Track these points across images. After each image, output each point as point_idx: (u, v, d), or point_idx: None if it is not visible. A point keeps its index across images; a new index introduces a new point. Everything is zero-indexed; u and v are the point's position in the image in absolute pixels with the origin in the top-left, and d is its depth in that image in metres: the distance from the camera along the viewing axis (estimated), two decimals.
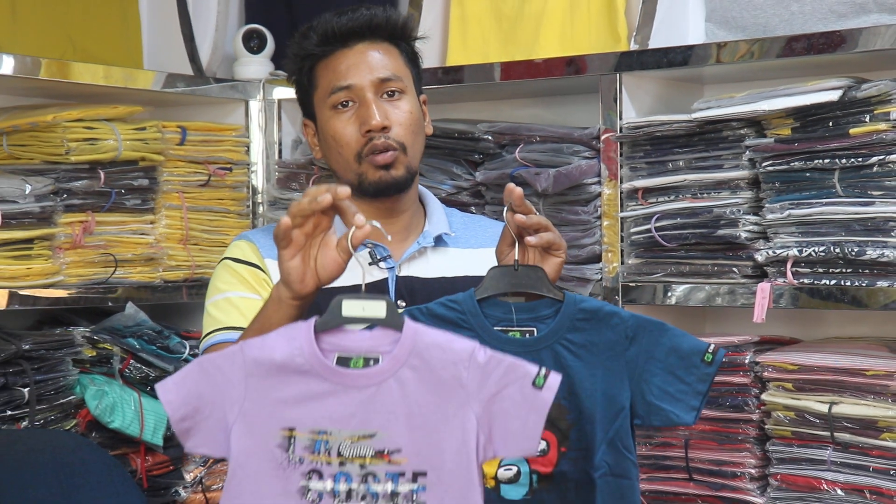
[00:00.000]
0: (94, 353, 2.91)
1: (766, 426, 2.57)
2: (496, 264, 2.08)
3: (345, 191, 1.86)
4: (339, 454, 1.78)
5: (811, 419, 2.50)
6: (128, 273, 2.97)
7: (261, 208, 3.28)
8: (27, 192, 2.75)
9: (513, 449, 1.80)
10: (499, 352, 1.80)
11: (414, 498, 1.77)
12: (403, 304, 2.21)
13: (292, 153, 3.30)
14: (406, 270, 2.30)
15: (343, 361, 1.80)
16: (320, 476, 1.78)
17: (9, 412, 2.69)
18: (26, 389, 2.71)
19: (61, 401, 2.79)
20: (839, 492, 2.48)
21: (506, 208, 2.03)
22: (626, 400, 1.97)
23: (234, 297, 2.26)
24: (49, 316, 3.01)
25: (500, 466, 1.99)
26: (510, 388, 1.77)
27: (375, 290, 2.18)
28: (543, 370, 1.78)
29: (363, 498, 1.77)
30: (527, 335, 2.00)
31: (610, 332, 1.98)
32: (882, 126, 2.41)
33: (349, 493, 1.77)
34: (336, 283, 1.97)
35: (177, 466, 2.98)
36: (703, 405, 1.98)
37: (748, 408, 2.58)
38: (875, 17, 2.60)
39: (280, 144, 3.30)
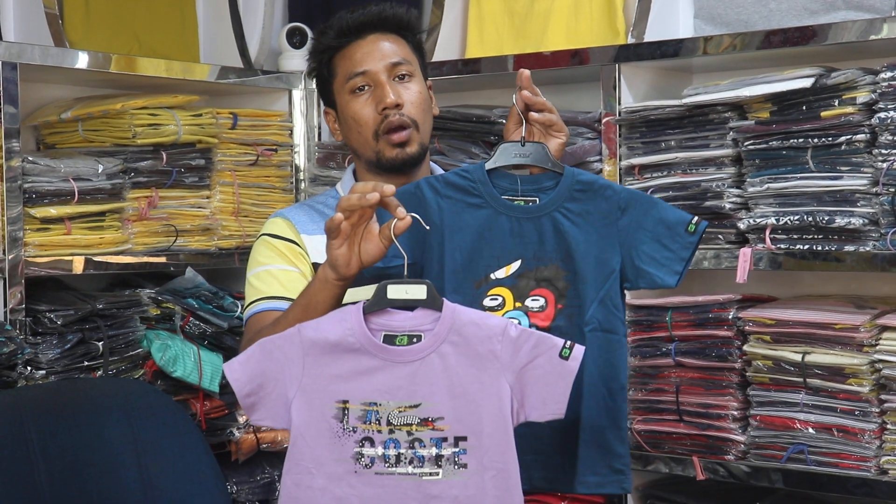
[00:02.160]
0: (159, 312, 2.92)
1: (747, 373, 2.58)
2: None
3: (390, 188, 1.85)
4: (388, 423, 1.80)
5: (786, 367, 2.51)
6: (187, 242, 2.97)
7: (303, 184, 3.28)
8: (100, 171, 2.77)
9: (543, 412, 1.81)
10: (527, 328, 1.81)
11: (456, 460, 1.79)
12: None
13: (330, 136, 3.29)
14: None
15: (389, 339, 1.83)
16: (372, 443, 1.81)
17: (86, 363, 2.71)
18: (100, 343, 2.73)
19: (130, 353, 2.80)
20: (811, 430, 2.49)
21: (516, 90, 2.02)
22: (616, 264, 1.96)
23: (273, 270, 2.24)
24: (119, 279, 3.02)
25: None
26: (540, 359, 1.79)
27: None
28: (569, 342, 1.80)
29: (411, 462, 1.80)
30: (530, 203, 1.98)
31: (604, 203, 1.97)
32: (849, 109, 2.41)
33: (398, 458, 1.80)
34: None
35: (231, 410, 2.98)
36: (685, 270, 1.96)
37: (731, 357, 2.59)
38: (843, 14, 2.59)
39: (319, 128, 3.29)
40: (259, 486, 3.05)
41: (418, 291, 1.83)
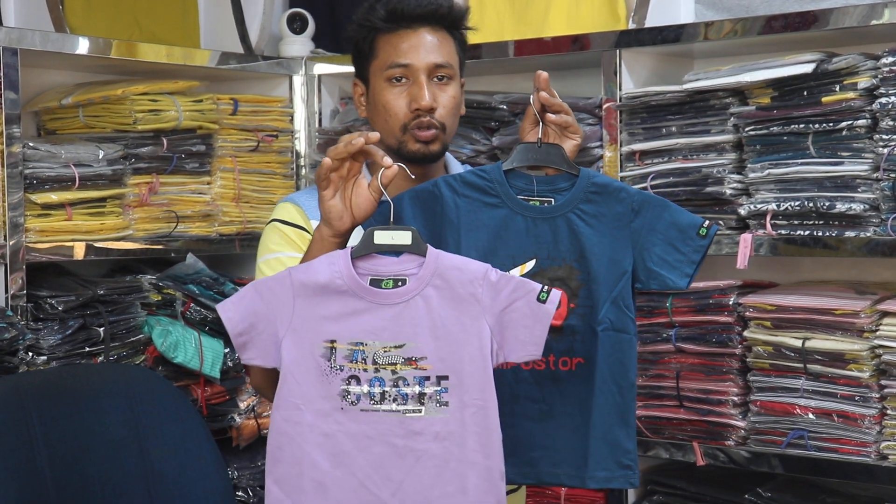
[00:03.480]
0: (160, 298, 2.92)
1: (748, 359, 2.58)
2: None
3: (374, 135, 1.91)
4: (374, 362, 1.87)
5: (787, 353, 2.52)
6: (188, 228, 2.97)
7: (303, 170, 3.28)
8: (100, 157, 2.76)
9: (521, 353, 1.88)
10: (506, 273, 1.89)
11: (438, 398, 1.87)
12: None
13: (331, 121, 3.29)
14: None
15: (376, 283, 1.90)
16: (358, 381, 1.88)
17: (87, 349, 2.71)
18: (102, 329, 2.73)
19: (131, 339, 2.81)
20: (811, 416, 2.50)
21: (533, 91, 2.05)
22: (629, 265, 2.00)
23: (283, 258, 2.24)
24: (120, 265, 3.02)
25: None
26: (518, 303, 1.86)
27: None
28: (546, 287, 1.86)
29: (395, 399, 1.87)
30: (545, 204, 2.02)
31: (618, 205, 2.00)
32: (850, 95, 2.41)
33: (383, 395, 1.87)
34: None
35: (232, 396, 2.99)
36: (695, 273, 2.00)
37: (732, 343, 2.60)
38: None
39: (320, 114, 3.29)
40: (260, 472, 3.05)
41: (404, 237, 1.90)
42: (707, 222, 2.00)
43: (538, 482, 2.04)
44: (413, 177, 2.01)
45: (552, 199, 2.02)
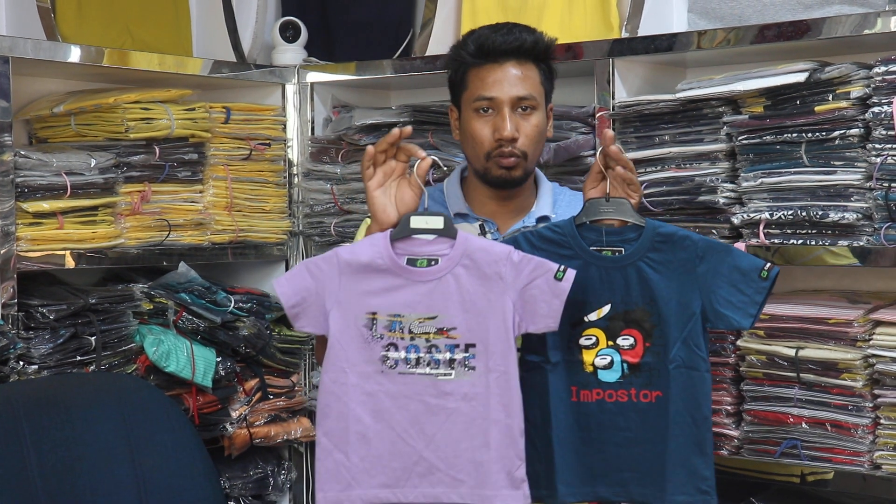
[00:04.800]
0: (152, 307, 2.91)
1: (741, 368, 2.58)
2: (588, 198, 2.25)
3: (407, 129, 2.18)
4: (410, 332, 2.13)
5: (780, 362, 2.52)
6: (180, 236, 2.97)
7: (296, 179, 3.28)
8: (92, 166, 2.76)
9: (540, 325, 2.12)
10: (528, 253, 2.13)
11: (466, 363, 2.12)
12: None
13: (323, 130, 3.29)
14: None
15: (412, 262, 2.15)
16: (396, 348, 2.14)
17: (78, 358, 2.71)
18: (93, 338, 2.73)
19: (123, 348, 2.80)
20: (804, 425, 2.50)
21: (600, 149, 2.22)
22: (697, 307, 2.16)
23: None
24: (112, 274, 3.02)
25: (596, 356, 2.19)
26: (538, 280, 2.10)
27: None
28: (563, 267, 2.10)
29: (428, 364, 2.13)
30: (616, 253, 2.19)
31: (683, 252, 2.16)
32: (843, 104, 2.42)
33: (418, 360, 2.13)
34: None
35: (224, 405, 2.98)
36: (759, 313, 2.14)
37: (725, 353, 2.60)
38: (837, 8, 2.60)
39: (312, 123, 3.29)
40: (252, 481, 3.06)
41: (437, 222, 2.15)
42: (768, 265, 2.13)
43: (629, 500, 2.20)
44: (445, 168, 2.31)
45: (622, 249, 2.19)
